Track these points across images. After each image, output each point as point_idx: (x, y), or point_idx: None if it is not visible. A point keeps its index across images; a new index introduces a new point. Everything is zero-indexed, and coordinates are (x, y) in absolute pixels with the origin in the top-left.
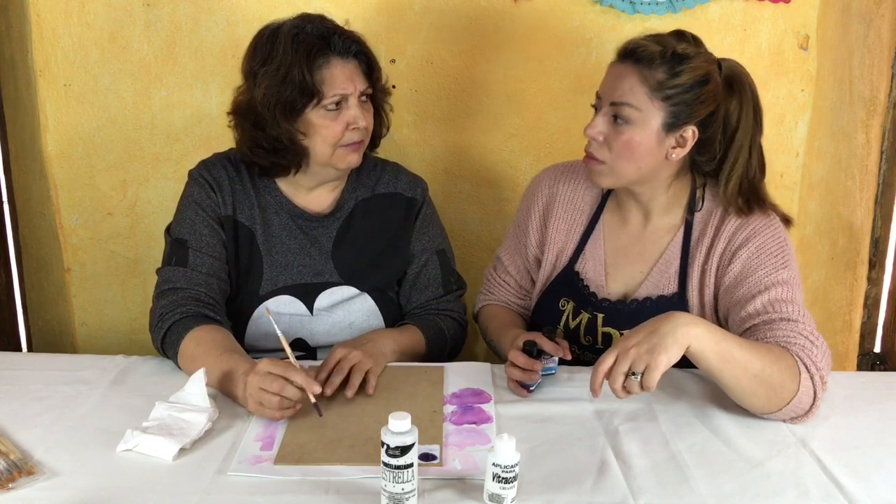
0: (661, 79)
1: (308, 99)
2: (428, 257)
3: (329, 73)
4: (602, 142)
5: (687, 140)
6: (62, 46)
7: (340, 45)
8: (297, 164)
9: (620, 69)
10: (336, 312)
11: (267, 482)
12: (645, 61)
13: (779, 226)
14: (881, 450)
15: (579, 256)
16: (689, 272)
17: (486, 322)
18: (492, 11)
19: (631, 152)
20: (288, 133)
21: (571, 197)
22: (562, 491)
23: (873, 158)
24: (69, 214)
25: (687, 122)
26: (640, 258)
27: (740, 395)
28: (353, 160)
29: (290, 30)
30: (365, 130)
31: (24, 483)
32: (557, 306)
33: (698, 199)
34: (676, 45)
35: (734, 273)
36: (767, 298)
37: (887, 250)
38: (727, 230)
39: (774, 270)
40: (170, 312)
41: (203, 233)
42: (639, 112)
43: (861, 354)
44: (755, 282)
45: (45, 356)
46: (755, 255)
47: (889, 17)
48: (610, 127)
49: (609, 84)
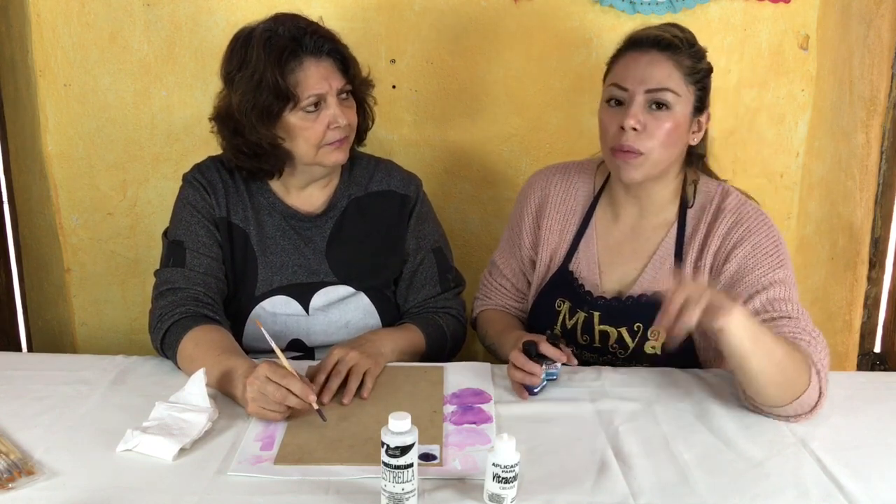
0: (689, 63)
1: (284, 103)
2: (424, 255)
3: (303, 74)
4: (640, 131)
5: (703, 124)
6: (62, 46)
7: (312, 45)
8: (279, 168)
9: (649, 57)
10: (332, 312)
11: (267, 482)
12: (673, 48)
13: (771, 224)
14: (881, 450)
15: (573, 256)
16: (684, 268)
17: (486, 327)
18: (492, 11)
19: (671, 138)
20: (267, 138)
21: (563, 197)
22: (562, 491)
23: (873, 158)
24: (69, 214)
25: (706, 105)
26: (633, 255)
27: (761, 382)
28: (338, 157)
29: (262, 33)
30: (348, 127)
31: (24, 483)
32: (553, 307)
33: (690, 196)
34: (682, 33)
35: (730, 272)
36: (766, 297)
37: (887, 250)
38: (721, 228)
39: (771, 270)
40: (169, 313)
41: (199, 234)
42: (678, 97)
43: (861, 354)
44: (752, 281)
45: (45, 356)
46: (751, 255)
47: (889, 17)
48: (647, 115)
49: (640, 73)
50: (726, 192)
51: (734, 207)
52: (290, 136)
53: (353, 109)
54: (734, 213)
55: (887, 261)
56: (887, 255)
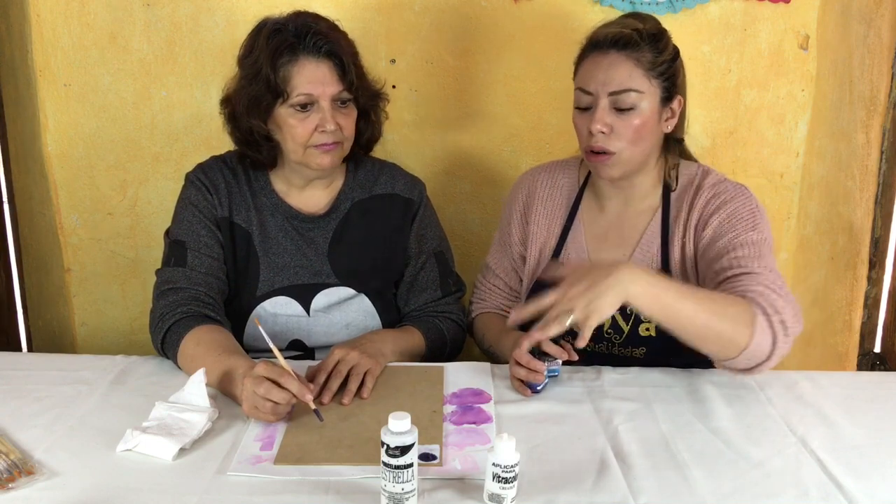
0: (650, 58)
1: (274, 96)
2: (426, 259)
3: (296, 71)
4: (608, 133)
5: (675, 111)
6: (62, 46)
7: (311, 45)
8: (271, 159)
9: (609, 59)
10: (333, 313)
11: (267, 482)
12: (632, 45)
13: (750, 195)
14: (881, 450)
15: (562, 249)
16: (671, 249)
17: (483, 331)
18: (492, 11)
19: (640, 134)
20: (258, 128)
21: (549, 193)
22: (562, 491)
23: (873, 158)
24: (69, 214)
25: (675, 92)
26: (620, 242)
27: (693, 344)
28: (324, 161)
29: (273, 25)
30: (338, 134)
31: (24, 483)
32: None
33: (673, 180)
34: (643, 24)
35: (707, 238)
36: (733, 256)
37: (887, 250)
38: (700, 202)
39: (744, 232)
40: (170, 312)
41: (201, 234)
42: (641, 94)
43: (861, 354)
44: (725, 243)
45: (45, 356)
46: (726, 221)
47: (889, 17)
48: (613, 117)
49: (601, 76)
50: (706, 172)
51: (712, 184)
52: (279, 131)
53: (352, 118)
54: (712, 188)
55: (887, 261)
56: (887, 255)
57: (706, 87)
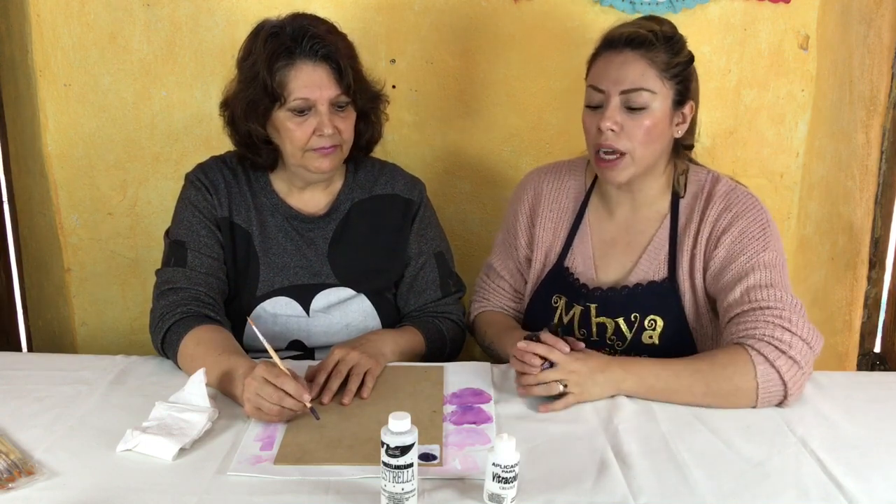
0: (665, 59)
1: (271, 101)
2: (426, 260)
3: (293, 75)
4: (618, 132)
5: (687, 116)
6: (62, 46)
7: (308, 49)
8: (270, 162)
9: (622, 57)
10: (332, 314)
11: (267, 482)
12: (647, 45)
13: (761, 207)
14: (881, 450)
15: (568, 252)
16: (679, 258)
17: (484, 328)
18: (492, 11)
19: (651, 136)
20: (256, 132)
21: (556, 196)
22: (562, 491)
23: (873, 158)
24: (69, 214)
25: (687, 97)
26: (628, 248)
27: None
28: (322, 165)
29: (270, 28)
30: (337, 137)
31: (24, 483)
32: (550, 303)
33: (681, 187)
34: (660, 26)
35: (720, 259)
36: (746, 286)
37: (887, 250)
38: (712, 214)
39: (756, 254)
40: (170, 312)
41: (201, 234)
42: (654, 95)
43: (861, 354)
44: (738, 267)
45: (45, 356)
46: (738, 240)
47: (889, 17)
48: (624, 115)
49: (613, 74)
50: (716, 179)
51: (724, 193)
52: (278, 134)
53: (350, 120)
54: (724, 199)
55: (887, 261)
56: (887, 255)
57: (706, 87)
